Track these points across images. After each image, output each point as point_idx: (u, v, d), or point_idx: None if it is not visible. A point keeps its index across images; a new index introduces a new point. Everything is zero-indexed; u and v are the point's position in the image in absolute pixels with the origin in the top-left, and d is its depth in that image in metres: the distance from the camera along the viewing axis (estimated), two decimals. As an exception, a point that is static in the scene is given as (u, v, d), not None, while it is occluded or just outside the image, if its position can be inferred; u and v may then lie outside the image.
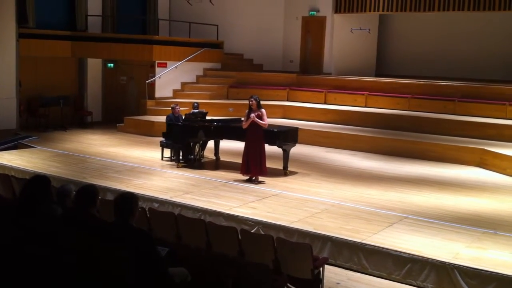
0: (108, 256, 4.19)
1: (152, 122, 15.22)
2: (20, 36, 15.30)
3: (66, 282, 3.91)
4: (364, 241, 7.06)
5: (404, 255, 6.72)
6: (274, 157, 11.15)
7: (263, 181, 10.14)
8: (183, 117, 12.04)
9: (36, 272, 3.96)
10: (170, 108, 12.30)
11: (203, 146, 12.15)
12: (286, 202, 8.83)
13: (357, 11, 17.95)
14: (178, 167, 11.25)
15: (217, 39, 18.62)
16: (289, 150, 10.92)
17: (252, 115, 9.89)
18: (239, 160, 10.39)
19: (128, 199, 4.65)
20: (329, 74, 18.19)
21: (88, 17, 17.52)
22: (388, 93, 16.15)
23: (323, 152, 13.50)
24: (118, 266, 4.14)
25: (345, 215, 8.18)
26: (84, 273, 3.97)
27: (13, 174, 10.03)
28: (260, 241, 6.27)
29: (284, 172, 10.82)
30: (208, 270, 4.97)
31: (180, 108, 12.37)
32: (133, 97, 17.80)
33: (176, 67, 17.16)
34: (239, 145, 10.72)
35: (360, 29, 18.52)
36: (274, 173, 10.66)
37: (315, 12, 18.53)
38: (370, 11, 17.76)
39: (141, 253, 4.33)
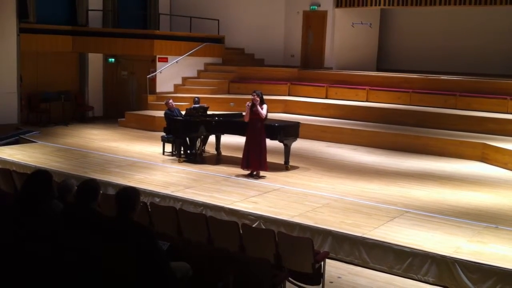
0: (110, 253, 4.19)
1: (153, 117, 15.23)
2: (21, 31, 15.30)
3: (68, 281, 3.92)
4: (365, 235, 7.07)
5: (405, 249, 6.72)
6: (275, 151, 11.16)
7: (264, 176, 10.14)
8: (181, 111, 12.05)
9: (37, 270, 3.96)
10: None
11: (204, 141, 12.15)
12: (287, 197, 8.84)
13: (358, 6, 17.91)
14: (179, 162, 11.25)
15: (218, 33, 18.60)
16: (291, 144, 10.92)
17: (252, 104, 9.89)
18: (240, 155, 10.40)
19: (130, 194, 4.65)
20: (330, 68, 18.17)
21: (89, 12, 17.50)
22: (389, 87, 16.13)
23: (324, 146, 13.50)
24: (120, 263, 4.15)
25: (346, 210, 8.19)
26: (86, 271, 3.98)
27: (14, 169, 10.04)
28: (261, 236, 6.27)
29: (286, 167, 10.82)
30: (209, 264, 4.98)
31: (180, 103, 12.36)
32: (134, 92, 17.80)
33: (177, 61, 17.14)
34: (240, 140, 10.72)
35: (362, 23, 18.48)
36: (275, 168, 10.66)
37: (316, 7, 18.49)
38: (371, 5, 17.72)
39: (142, 248, 4.33)
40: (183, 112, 12.03)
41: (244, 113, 10.32)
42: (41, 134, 14.18)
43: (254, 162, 10.05)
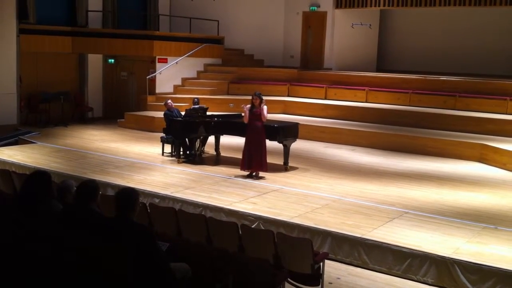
0: (110, 254, 4.20)
1: (153, 118, 15.23)
2: (21, 31, 15.31)
3: (67, 281, 3.92)
4: (364, 236, 7.08)
5: (404, 250, 6.73)
6: (274, 152, 11.16)
7: (264, 177, 10.15)
8: (180, 111, 12.06)
9: (37, 271, 3.97)
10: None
11: (204, 142, 12.15)
12: (287, 198, 8.85)
13: (358, 6, 17.93)
14: (178, 163, 11.26)
15: (218, 34, 18.60)
16: (290, 145, 10.93)
17: (252, 106, 9.90)
18: (240, 156, 10.40)
19: (129, 195, 4.66)
20: (330, 69, 18.18)
21: (89, 13, 17.49)
22: (389, 88, 16.15)
23: (323, 147, 13.50)
24: (120, 264, 4.15)
25: (345, 210, 8.20)
26: (85, 271, 3.98)
27: (13, 169, 10.04)
28: (261, 236, 6.28)
29: (285, 168, 10.83)
30: (208, 265, 4.98)
31: (179, 104, 12.36)
32: (133, 92, 17.80)
33: (176, 62, 17.15)
34: (240, 141, 10.72)
35: (361, 24, 18.49)
36: (275, 169, 10.67)
37: (315, 7, 18.51)
38: (371, 6, 17.73)
39: (142, 249, 4.34)
40: (183, 113, 12.05)
41: (243, 114, 10.32)
42: (41, 135, 14.18)
43: (255, 163, 10.06)
